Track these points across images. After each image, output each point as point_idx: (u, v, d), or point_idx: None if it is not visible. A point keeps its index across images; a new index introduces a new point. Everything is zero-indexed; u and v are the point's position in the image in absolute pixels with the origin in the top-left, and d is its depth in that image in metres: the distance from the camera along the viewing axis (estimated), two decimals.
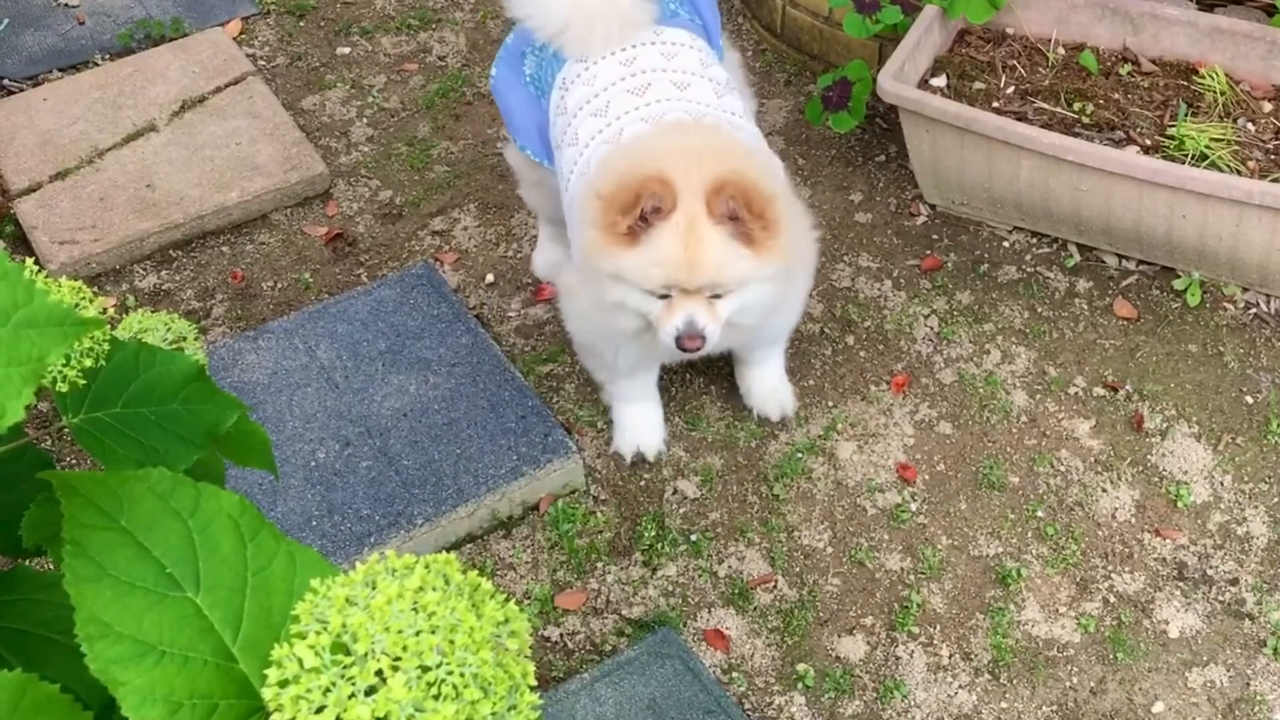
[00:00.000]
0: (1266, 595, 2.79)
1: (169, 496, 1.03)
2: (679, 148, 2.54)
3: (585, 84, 2.82)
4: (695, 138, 2.59)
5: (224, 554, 1.02)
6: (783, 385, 3.15)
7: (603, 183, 2.52)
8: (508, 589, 2.85)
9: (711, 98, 2.79)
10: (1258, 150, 3.22)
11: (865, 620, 2.80)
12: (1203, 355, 3.21)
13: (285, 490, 2.91)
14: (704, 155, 2.50)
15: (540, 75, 2.95)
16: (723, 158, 2.50)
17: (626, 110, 2.74)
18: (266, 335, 3.23)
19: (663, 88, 2.77)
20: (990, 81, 3.44)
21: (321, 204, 3.69)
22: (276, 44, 4.16)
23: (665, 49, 2.85)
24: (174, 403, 1.46)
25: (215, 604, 1.00)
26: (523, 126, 3.01)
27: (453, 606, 0.93)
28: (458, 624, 0.92)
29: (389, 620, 0.91)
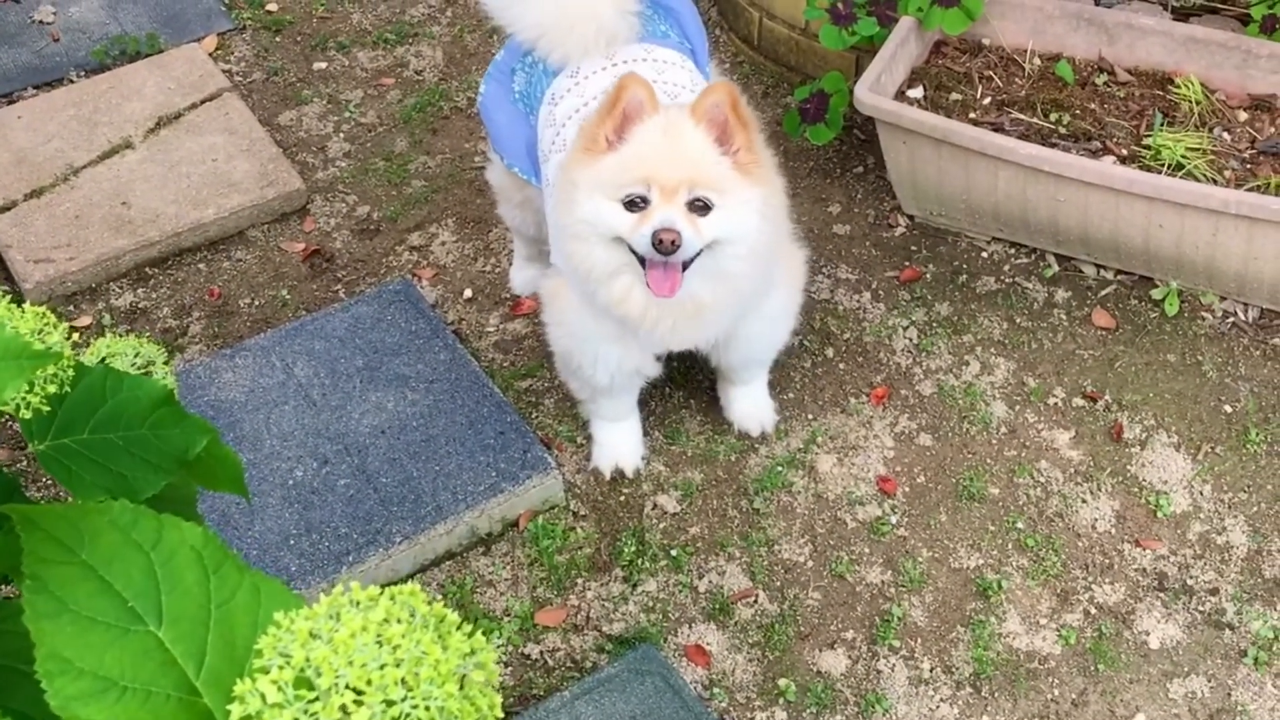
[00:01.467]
0: (1246, 605, 2.79)
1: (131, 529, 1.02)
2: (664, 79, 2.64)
3: (576, 95, 2.81)
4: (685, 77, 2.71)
5: (187, 586, 1.00)
6: (765, 402, 3.15)
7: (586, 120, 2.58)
8: (487, 606, 2.84)
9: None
10: (1234, 159, 3.23)
11: (846, 634, 2.79)
12: (1181, 364, 3.21)
13: (262, 509, 2.90)
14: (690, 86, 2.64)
15: (529, 91, 2.94)
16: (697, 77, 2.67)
17: None
18: (243, 353, 3.21)
19: None
20: (967, 92, 3.44)
21: (299, 220, 3.67)
22: (253, 59, 4.15)
23: (656, 65, 2.85)
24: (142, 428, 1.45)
25: (178, 638, 0.99)
26: (510, 144, 3.00)
27: (417, 639, 0.92)
28: (423, 656, 0.91)
29: (353, 654, 0.90)
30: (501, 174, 3.13)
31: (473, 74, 4.06)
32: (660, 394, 3.21)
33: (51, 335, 1.29)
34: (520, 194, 3.10)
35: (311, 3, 4.34)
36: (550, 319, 2.90)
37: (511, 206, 3.20)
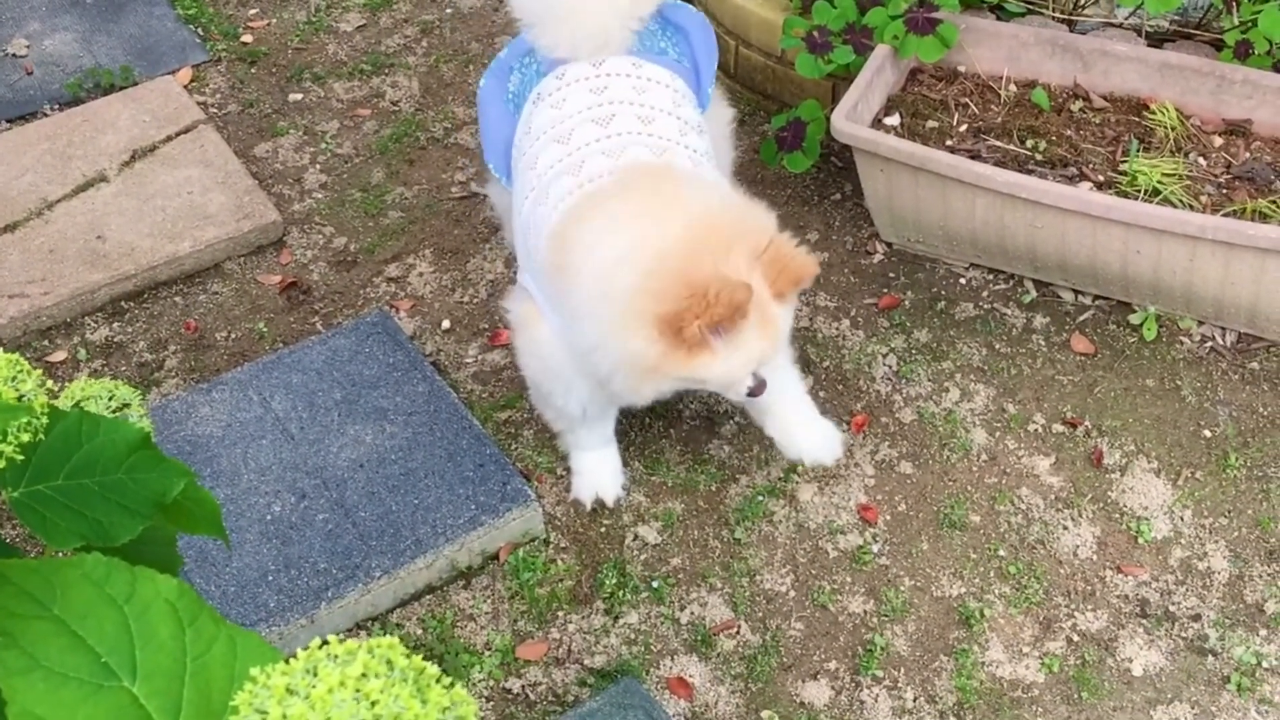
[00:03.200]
0: (1229, 631, 2.78)
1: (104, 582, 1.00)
2: (716, 233, 2.44)
3: (553, 107, 2.79)
4: (719, 214, 2.51)
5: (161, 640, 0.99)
6: (824, 424, 3.03)
7: (654, 298, 2.38)
8: (468, 640, 2.82)
9: (675, 134, 2.75)
10: (1209, 184, 3.24)
11: (829, 664, 2.78)
12: (1160, 389, 3.21)
13: (240, 545, 2.88)
14: (740, 234, 2.46)
15: (521, 92, 2.94)
16: (755, 229, 2.49)
17: (588, 141, 2.70)
18: (220, 387, 3.19)
19: (626, 120, 2.73)
20: (943, 120, 3.45)
21: (275, 252, 3.66)
22: (228, 91, 4.14)
23: (638, 83, 2.83)
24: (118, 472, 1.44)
25: (153, 693, 0.97)
26: (493, 141, 2.98)
27: (396, 693, 0.90)
28: (402, 712, 0.90)
29: (330, 710, 0.89)
30: (499, 192, 3.10)
31: (449, 104, 4.05)
32: (640, 424, 3.20)
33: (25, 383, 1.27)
34: (507, 200, 3.05)
35: (287, 34, 4.33)
36: (521, 346, 2.85)
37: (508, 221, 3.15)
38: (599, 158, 2.68)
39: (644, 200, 2.54)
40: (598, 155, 2.68)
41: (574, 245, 2.54)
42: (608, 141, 2.70)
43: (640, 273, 2.42)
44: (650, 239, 2.46)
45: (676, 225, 2.46)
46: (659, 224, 2.48)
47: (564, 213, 2.60)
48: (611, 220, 2.53)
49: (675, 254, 2.42)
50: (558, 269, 2.57)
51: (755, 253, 2.44)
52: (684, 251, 2.41)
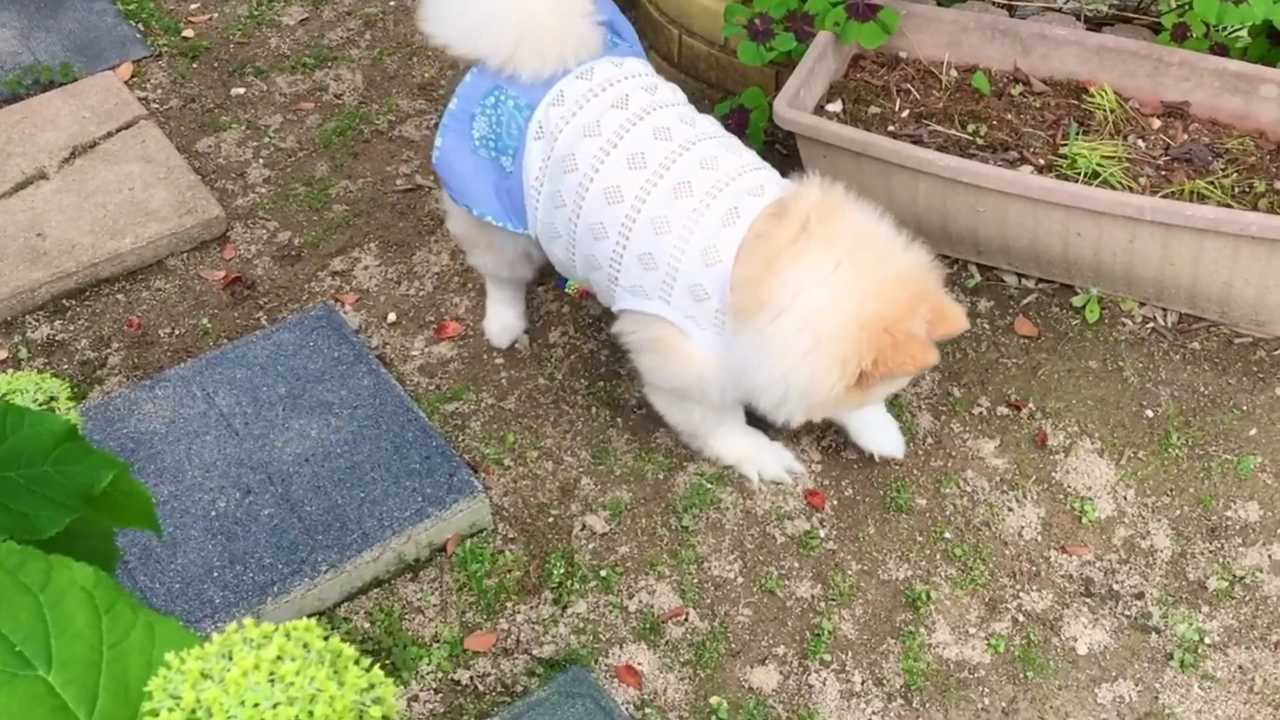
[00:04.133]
0: (1171, 608, 2.81)
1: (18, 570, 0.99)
2: (906, 286, 2.62)
3: (589, 134, 2.78)
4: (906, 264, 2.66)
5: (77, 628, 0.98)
6: (890, 418, 3.11)
7: (857, 349, 2.57)
8: (416, 633, 2.81)
9: (711, 126, 2.85)
10: (1148, 166, 3.26)
11: (777, 649, 2.79)
12: (1103, 371, 3.23)
13: (185, 541, 2.86)
14: (922, 284, 2.65)
15: (498, 133, 2.88)
16: (930, 279, 2.67)
17: (670, 159, 2.73)
18: (163, 384, 3.17)
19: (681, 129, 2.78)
20: (885, 105, 3.46)
21: (219, 247, 3.64)
22: (169, 86, 4.11)
23: (642, 82, 2.86)
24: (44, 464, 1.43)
25: (69, 681, 0.96)
26: (478, 193, 2.94)
27: (312, 675, 0.90)
28: (317, 694, 0.89)
29: (244, 693, 0.88)
30: (466, 225, 3.07)
31: (393, 97, 4.04)
32: (586, 414, 3.20)
33: None
34: (486, 239, 3.06)
35: (229, 28, 4.30)
36: (671, 366, 2.83)
37: (481, 253, 3.15)
38: (700, 171, 2.71)
39: (841, 249, 2.61)
40: (698, 171, 2.71)
41: (775, 292, 2.60)
42: (690, 154, 2.74)
43: (844, 323, 2.57)
44: (854, 290, 2.59)
45: (875, 276, 2.60)
46: (860, 274, 2.60)
47: (747, 256, 2.64)
48: (815, 270, 2.60)
49: (876, 307, 2.57)
50: (754, 306, 2.63)
51: (929, 304, 2.62)
52: (885, 305, 2.58)
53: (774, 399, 2.71)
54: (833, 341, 2.58)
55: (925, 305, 2.61)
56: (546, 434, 3.17)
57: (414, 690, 2.73)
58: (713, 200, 2.69)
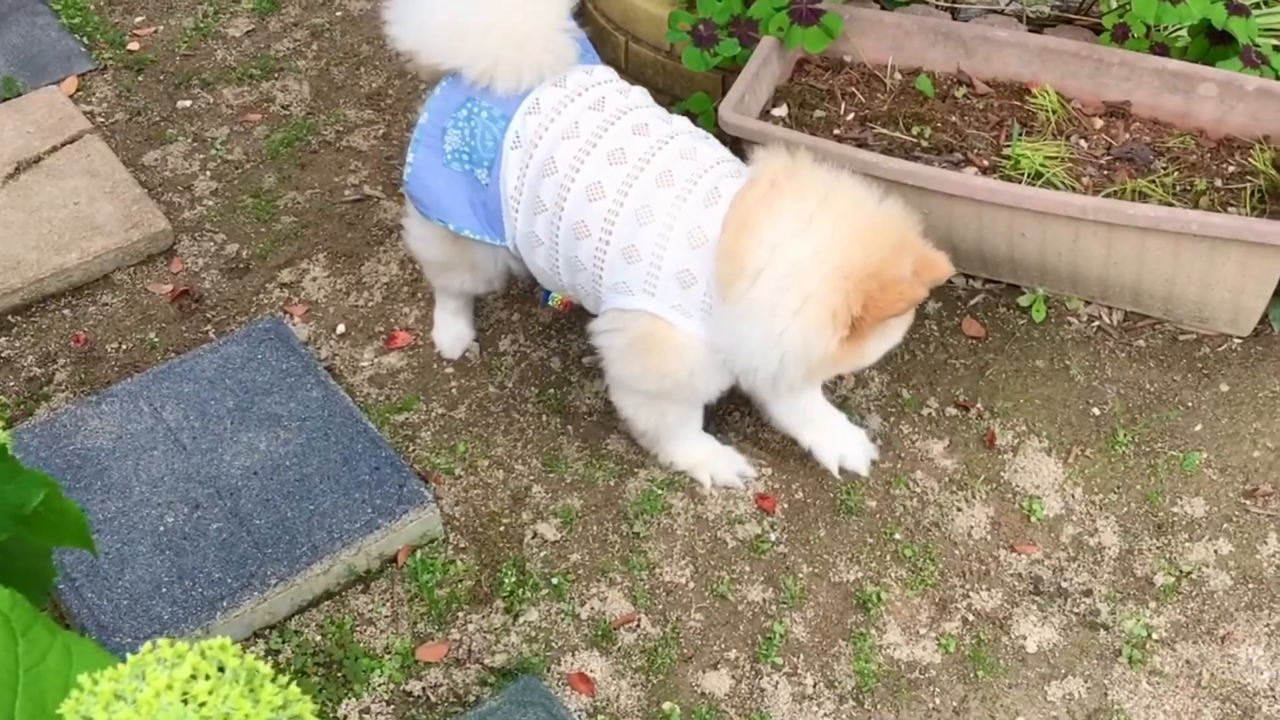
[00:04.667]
0: (1119, 605, 2.83)
1: None
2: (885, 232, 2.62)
3: (566, 136, 2.78)
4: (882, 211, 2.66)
5: None
6: (857, 432, 3.10)
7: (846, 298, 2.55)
8: (368, 645, 2.81)
9: (686, 123, 2.87)
10: (1091, 166, 3.29)
11: (729, 654, 2.79)
12: (1050, 370, 3.25)
13: (133, 558, 2.84)
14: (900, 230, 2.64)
15: (472, 146, 2.86)
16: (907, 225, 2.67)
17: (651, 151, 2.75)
18: (110, 399, 3.15)
19: (658, 126, 2.80)
20: (831, 109, 3.48)
21: (166, 261, 3.62)
22: (115, 100, 4.08)
23: (616, 86, 2.88)
24: None
25: None
26: (453, 207, 2.92)
27: (225, 694, 0.90)
28: (231, 713, 0.89)
29: (157, 714, 0.88)
30: (441, 247, 3.05)
31: (340, 107, 4.03)
32: (537, 421, 3.20)
33: None
34: (466, 259, 3.04)
35: (174, 41, 4.28)
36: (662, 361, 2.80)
37: (457, 275, 3.11)
38: (680, 162, 2.72)
39: (813, 200, 2.61)
40: (677, 160, 2.73)
41: (752, 250, 2.59)
42: (669, 148, 2.75)
43: (828, 274, 2.56)
44: (834, 240, 2.58)
45: (853, 225, 2.59)
46: (836, 223, 2.59)
47: (725, 226, 2.64)
48: (789, 223, 2.59)
49: (859, 255, 2.56)
50: (734, 272, 2.61)
51: (912, 252, 2.61)
52: (867, 251, 2.56)
53: (771, 367, 2.66)
54: (820, 295, 2.56)
55: (908, 253, 2.60)
56: (497, 442, 3.17)
57: (365, 703, 2.72)
58: (694, 186, 2.70)
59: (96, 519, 2.91)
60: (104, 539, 2.88)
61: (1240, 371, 3.22)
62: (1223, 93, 3.31)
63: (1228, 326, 3.25)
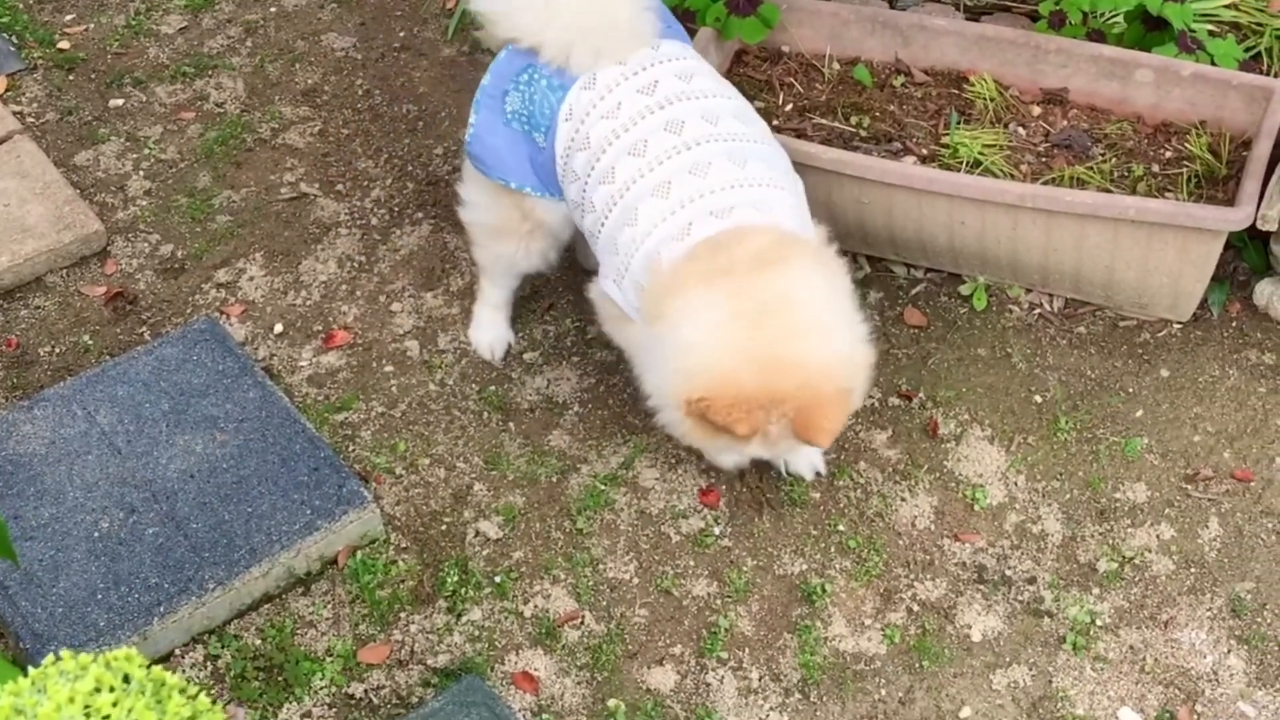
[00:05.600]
0: (1063, 592, 2.83)
1: None
2: (769, 355, 2.57)
3: (607, 116, 2.76)
4: (770, 331, 2.59)
5: None
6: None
7: (698, 388, 2.57)
8: (308, 648, 2.77)
9: (740, 127, 2.79)
10: (1029, 154, 3.29)
11: (674, 649, 2.77)
12: (992, 358, 3.25)
13: (67, 564, 2.79)
14: (782, 378, 2.55)
15: (530, 110, 2.86)
16: (802, 373, 2.56)
17: (667, 154, 2.71)
18: (42, 404, 3.10)
19: (696, 125, 2.74)
20: (769, 99, 3.46)
21: (99, 263, 3.56)
22: (45, 100, 4.02)
23: (678, 67, 2.83)
24: None
25: None
26: (514, 166, 2.91)
27: (130, 707, 0.87)
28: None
29: None
30: (501, 208, 3.01)
31: (276, 104, 3.98)
32: (478, 419, 3.17)
33: None
34: (528, 222, 3.00)
35: (105, 39, 4.22)
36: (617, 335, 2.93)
37: (515, 240, 3.06)
38: (685, 177, 2.69)
39: (750, 300, 2.59)
40: (683, 175, 2.69)
41: (675, 307, 2.63)
42: (688, 154, 2.71)
43: (705, 368, 2.58)
44: (735, 345, 2.58)
45: (764, 349, 2.57)
46: (752, 333, 2.58)
47: (674, 266, 2.65)
48: (715, 305, 2.60)
49: (743, 373, 2.55)
50: (655, 313, 2.66)
51: (798, 408, 2.56)
52: (751, 375, 2.55)
53: (658, 401, 2.74)
54: (689, 373, 2.59)
55: (791, 406, 2.56)
56: (438, 441, 3.13)
57: (307, 706, 2.69)
58: (680, 209, 2.67)
59: (29, 525, 2.86)
60: (37, 546, 2.83)
61: (1180, 357, 3.23)
62: (1159, 78, 3.32)
63: (1167, 312, 3.26)
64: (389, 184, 3.73)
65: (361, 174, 3.77)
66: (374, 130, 3.90)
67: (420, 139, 3.87)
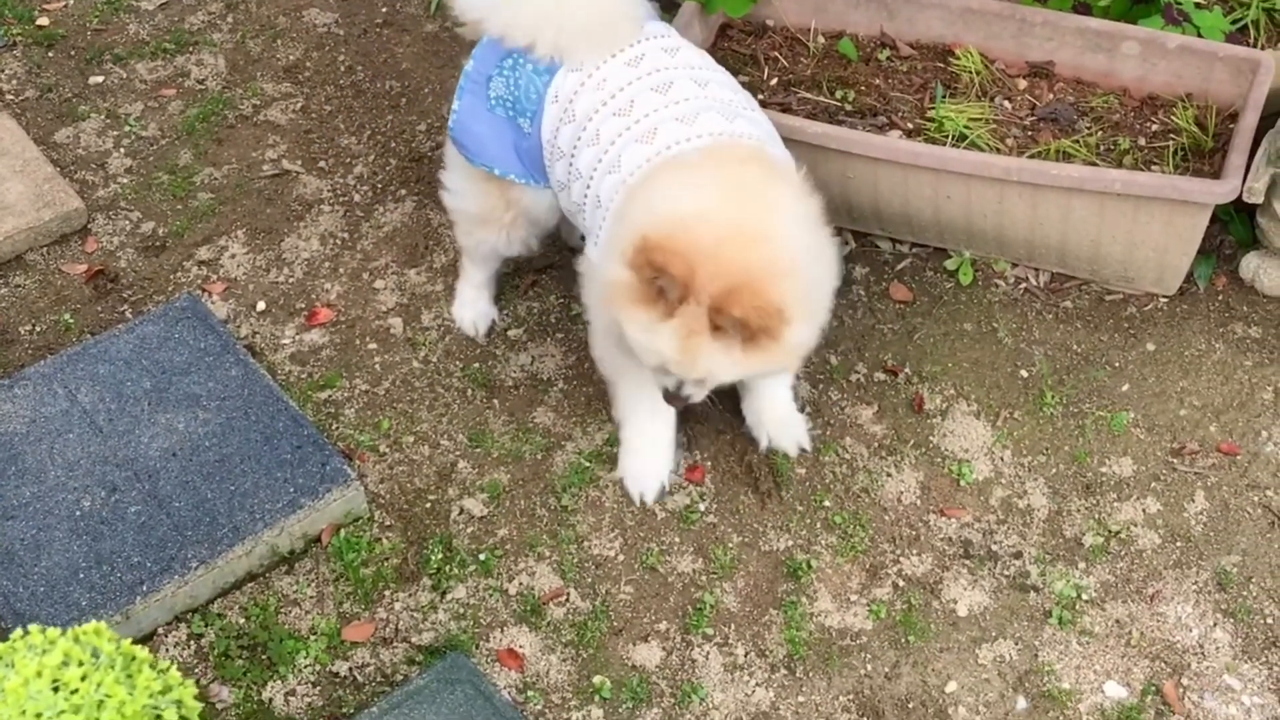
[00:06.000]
0: (1049, 566, 2.82)
1: None
2: (709, 228, 2.40)
3: (595, 89, 2.73)
4: (729, 209, 2.46)
5: None
6: (794, 417, 3.03)
7: (637, 235, 2.40)
8: (293, 626, 2.76)
9: (729, 94, 2.75)
10: (1015, 127, 3.27)
11: (659, 625, 2.76)
12: (978, 333, 3.24)
13: (49, 544, 2.77)
14: (727, 245, 2.38)
15: (514, 95, 2.82)
16: (745, 253, 2.39)
17: (655, 108, 2.66)
18: (23, 383, 3.07)
19: (685, 85, 2.70)
20: (754, 74, 3.44)
21: (80, 241, 3.53)
22: (25, 76, 3.98)
23: (664, 43, 2.80)
24: None
25: None
26: (498, 153, 2.88)
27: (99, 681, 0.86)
28: (104, 700, 0.85)
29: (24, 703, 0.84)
30: (484, 195, 2.97)
31: (257, 80, 3.95)
32: (462, 397, 3.15)
33: None
34: (511, 211, 2.97)
35: (85, 15, 4.18)
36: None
37: (497, 228, 3.02)
38: (672, 124, 2.63)
39: (729, 182, 2.51)
40: (670, 122, 2.64)
41: (647, 192, 2.55)
42: (676, 108, 2.66)
43: (666, 213, 2.44)
44: (704, 206, 2.45)
45: (728, 215, 2.45)
46: (723, 205, 2.46)
47: (643, 175, 2.59)
48: (690, 180, 2.52)
49: (694, 236, 2.38)
50: (619, 219, 2.59)
51: (739, 296, 2.35)
52: (704, 238, 2.38)
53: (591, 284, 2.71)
54: (644, 223, 2.45)
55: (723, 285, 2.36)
56: (422, 418, 3.12)
57: (291, 685, 2.67)
58: (665, 150, 2.61)
59: (10, 505, 2.84)
60: (18, 525, 2.81)
61: (1166, 330, 3.23)
62: (1145, 51, 3.31)
63: (1153, 286, 3.25)
64: (372, 160, 3.71)
65: (344, 151, 3.74)
66: (356, 106, 3.87)
67: (403, 115, 3.84)
